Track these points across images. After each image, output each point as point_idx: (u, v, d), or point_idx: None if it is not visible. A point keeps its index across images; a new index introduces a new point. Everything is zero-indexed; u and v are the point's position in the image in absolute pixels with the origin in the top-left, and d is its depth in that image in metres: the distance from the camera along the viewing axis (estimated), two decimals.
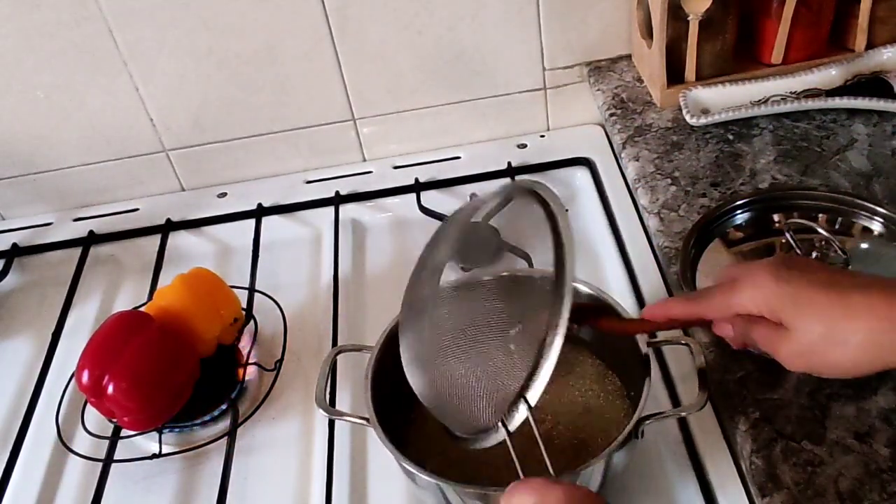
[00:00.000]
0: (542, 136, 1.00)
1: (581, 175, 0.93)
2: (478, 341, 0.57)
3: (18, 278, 0.95)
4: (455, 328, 0.57)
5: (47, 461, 0.74)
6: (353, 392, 0.73)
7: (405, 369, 0.56)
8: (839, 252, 0.67)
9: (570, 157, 0.95)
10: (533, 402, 0.51)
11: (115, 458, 0.72)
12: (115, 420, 0.72)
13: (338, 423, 0.70)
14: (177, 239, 0.95)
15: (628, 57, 0.96)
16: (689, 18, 0.83)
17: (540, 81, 0.97)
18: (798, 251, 0.68)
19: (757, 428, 0.59)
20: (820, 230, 0.68)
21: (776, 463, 0.57)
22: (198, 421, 0.73)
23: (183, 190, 1.02)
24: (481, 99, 0.97)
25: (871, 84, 0.84)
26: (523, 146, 0.98)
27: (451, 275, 0.80)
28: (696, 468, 0.64)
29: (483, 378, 0.55)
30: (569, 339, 0.67)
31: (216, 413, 0.73)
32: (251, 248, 0.89)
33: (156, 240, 0.93)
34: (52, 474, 0.74)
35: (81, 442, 0.74)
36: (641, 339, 0.60)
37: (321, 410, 0.62)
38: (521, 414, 0.51)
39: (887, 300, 0.47)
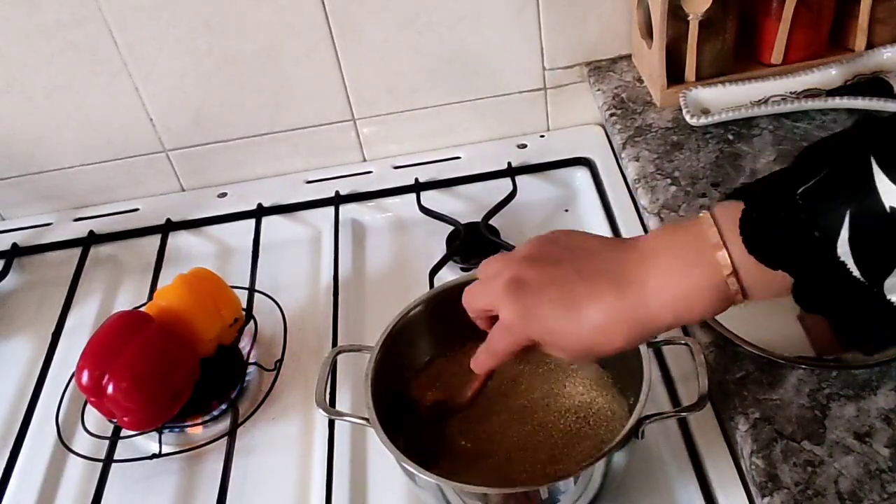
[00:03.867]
0: (542, 136, 0.99)
1: (581, 175, 0.93)
2: None
3: (18, 278, 0.95)
4: None
5: (47, 461, 0.74)
6: (353, 392, 0.73)
7: None
8: None
9: (570, 157, 0.95)
10: None
11: (115, 458, 0.72)
12: (115, 420, 0.72)
13: (338, 423, 0.70)
14: (177, 239, 0.95)
15: (628, 57, 0.96)
16: (689, 18, 0.83)
17: (540, 81, 0.97)
18: None
19: (757, 428, 0.59)
20: None
21: (776, 463, 0.57)
22: (198, 421, 0.73)
23: (183, 190, 1.02)
24: (481, 99, 0.97)
25: (871, 84, 0.84)
26: (523, 146, 0.98)
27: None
28: (696, 468, 0.64)
29: None
30: None
31: (216, 413, 0.73)
32: (251, 248, 0.89)
33: (156, 240, 0.93)
34: (52, 474, 0.74)
35: (81, 442, 0.74)
36: None
37: (321, 410, 0.62)
38: None
39: (617, 294, 0.48)
